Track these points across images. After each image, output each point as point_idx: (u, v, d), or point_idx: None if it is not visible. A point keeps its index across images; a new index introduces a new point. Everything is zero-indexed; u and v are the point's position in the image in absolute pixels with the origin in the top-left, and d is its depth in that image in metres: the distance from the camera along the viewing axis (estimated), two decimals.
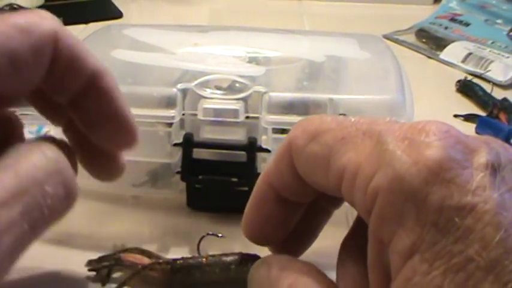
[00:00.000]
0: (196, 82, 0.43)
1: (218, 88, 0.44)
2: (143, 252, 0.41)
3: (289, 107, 0.43)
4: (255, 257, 0.39)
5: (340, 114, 0.42)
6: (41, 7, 0.92)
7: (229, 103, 0.42)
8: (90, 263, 0.40)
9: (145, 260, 0.40)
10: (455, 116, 0.66)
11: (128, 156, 0.44)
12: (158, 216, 0.46)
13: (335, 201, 0.30)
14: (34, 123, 0.42)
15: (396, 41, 0.88)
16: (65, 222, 0.46)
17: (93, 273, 0.40)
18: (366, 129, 0.23)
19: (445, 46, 0.84)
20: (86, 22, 0.88)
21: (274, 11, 0.97)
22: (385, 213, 0.20)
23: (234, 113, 0.42)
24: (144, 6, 0.95)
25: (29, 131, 0.58)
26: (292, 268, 0.26)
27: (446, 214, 0.19)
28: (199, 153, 0.44)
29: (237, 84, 0.43)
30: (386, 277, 0.21)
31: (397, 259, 0.20)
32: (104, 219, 0.46)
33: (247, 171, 0.43)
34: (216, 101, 0.42)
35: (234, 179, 0.43)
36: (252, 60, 0.46)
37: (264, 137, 0.43)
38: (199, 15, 0.94)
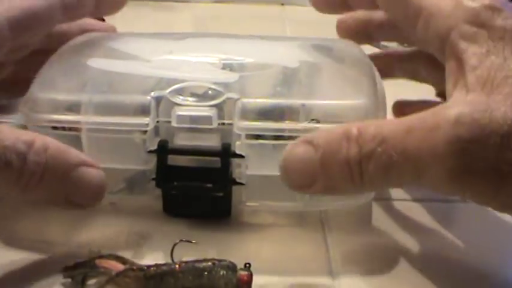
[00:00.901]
0: (169, 90, 0.43)
1: (194, 95, 0.44)
2: (118, 258, 0.41)
3: (263, 113, 0.43)
4: (228, 263, 0.39)
5: (312, 120, 0.43)
6: None
7: (203, 110, 0.43)
8: (65, 269, 0.41)
9: (120, 267, 0.40)
10: None
11: (104, 164, 0.44)
12: (134, 222, 0.47)
13: None
14: None
15: (378, 46, 0.88)
16: (41, 229, 0.46)
17: (69, 279, 0.41)
18: None
19: None
20: None
21: (257, 16, 0.98)
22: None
23: (207, 119, 0.43)
24: (126, 13, 0.94)
25: None
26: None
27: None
28: (174, 160, 0.44)
29: (210, 91, 0.43)
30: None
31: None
32: (80, 226, 0.46)
33: (222, 177, 0.44)
34: (189, 108, 0.43)
35: (209, 185, 0.44)
36: (226, 67, 0.46)
37: (237, 143, 0.44)
38: (183, 22, 0.94)
